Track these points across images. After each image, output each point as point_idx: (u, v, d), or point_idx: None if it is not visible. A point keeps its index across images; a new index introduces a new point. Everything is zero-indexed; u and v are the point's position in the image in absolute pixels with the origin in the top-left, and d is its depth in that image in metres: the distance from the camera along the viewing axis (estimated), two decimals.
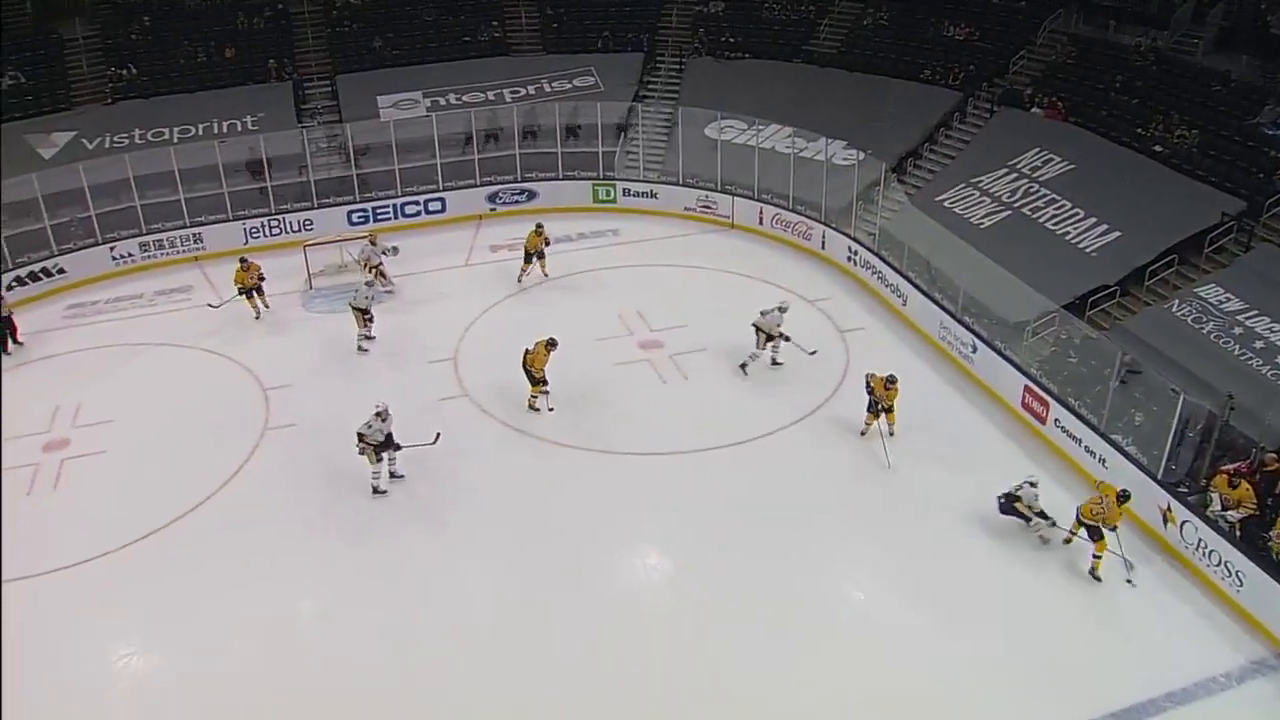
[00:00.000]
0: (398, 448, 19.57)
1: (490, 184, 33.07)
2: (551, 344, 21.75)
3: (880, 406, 20.27)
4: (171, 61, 36.44)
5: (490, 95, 35.41)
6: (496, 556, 18.21)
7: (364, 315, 25.02)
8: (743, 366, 23.13)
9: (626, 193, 32.77)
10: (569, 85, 35.82)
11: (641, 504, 19.34)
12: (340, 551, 18.52)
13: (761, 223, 30.49)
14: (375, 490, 19.63)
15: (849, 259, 27.74)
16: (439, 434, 19.78)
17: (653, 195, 32.46)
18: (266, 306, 26.99)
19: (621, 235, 31.06)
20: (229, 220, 31.59)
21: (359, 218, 32.13)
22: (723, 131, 32.00)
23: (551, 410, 21.97)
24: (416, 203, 32.73)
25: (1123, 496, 17.22)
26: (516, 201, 32.81)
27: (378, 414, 19.37)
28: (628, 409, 22.15)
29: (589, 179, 33.12)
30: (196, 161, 31.58)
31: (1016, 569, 17.59)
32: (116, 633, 17.16)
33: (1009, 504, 18.06)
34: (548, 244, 27.99)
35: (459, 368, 23.98)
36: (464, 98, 35.34)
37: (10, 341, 26.37)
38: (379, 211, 32.42)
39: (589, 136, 32.97)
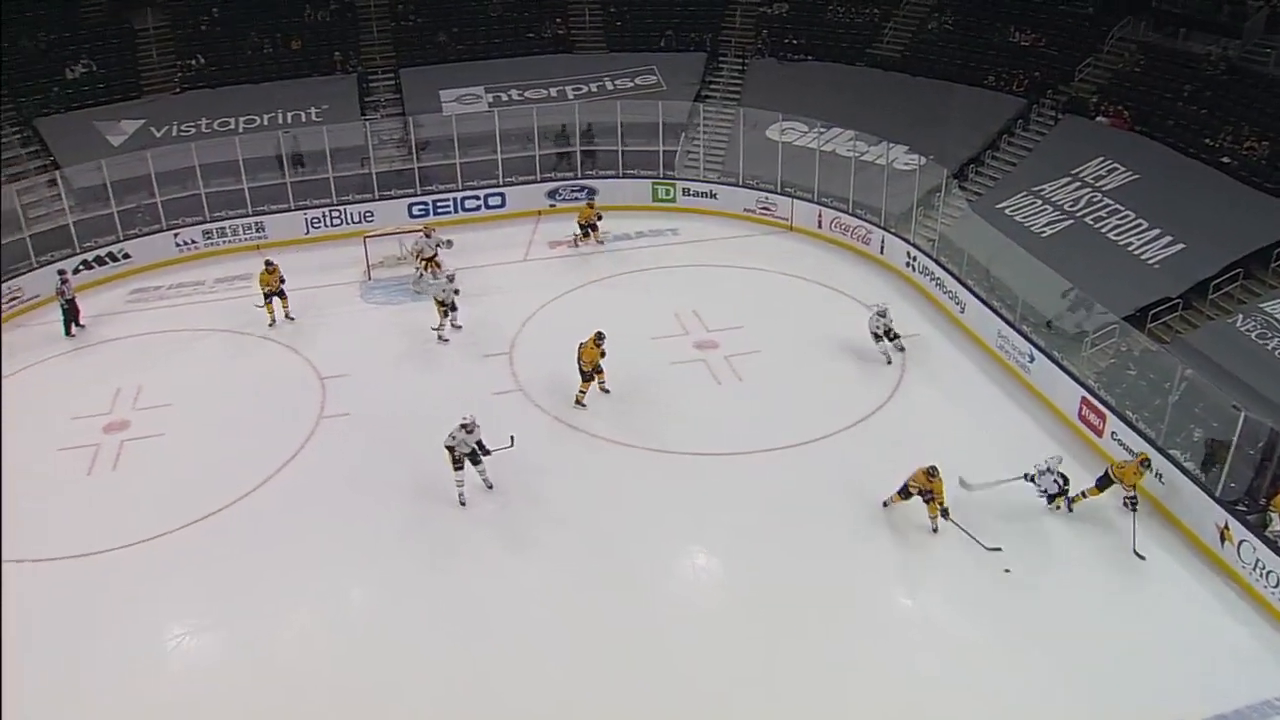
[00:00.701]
0: (486, 453, 19.33)
1: (550, 180, 33.27)
2: (599, 338, 21.97)
3: (925, 497, 18.43)
4: (239, 52, 37.11)
5: (552, 92, 35.63)
6: (544, 550, 18.40)
7: (446, 308, 25.17)
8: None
9: (686, 192, 32.80)
10: (631, 83, 35.95)
11: (691, 503, 19.38)
12: (389, 541, 18.77)
13: (820, 226, 30.42)
14: (461, 502, 19.37)
15: (908, 264, 27.63)
16: (513, 437, 19.61)
17: (712, 196, 32.48)
18: (289, 317, 26.57)
19: (680, 235, 31.13)
20: (291, 210, 32.09)
21: (419, 210, 32.44)
22: (784, 133, 31.89)
23: (608, 391, 22.39)
24: (476, 197, 33.01)
25: (1145, 463, 18.02)
26: (576, 198, 32.90)
27: (463, 426, 19.04)
28: (681, 408, 22.25)
29: (649, 178, 33.19)
30: (260, 151, 32.18)
31: (1068, 583, 17.44)
32: (170, 613, 17.54)
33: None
34: (599, 218, 29.68)
35: (514, 362, 24.17)
36: (526, 94, 35.57)
37: (74, 324, 26.99)
38: (439, 205, 32.72)
39: (650, 135, 33.01)
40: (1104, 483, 18.53)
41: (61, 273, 27.55)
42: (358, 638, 16.78)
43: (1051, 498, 18.80)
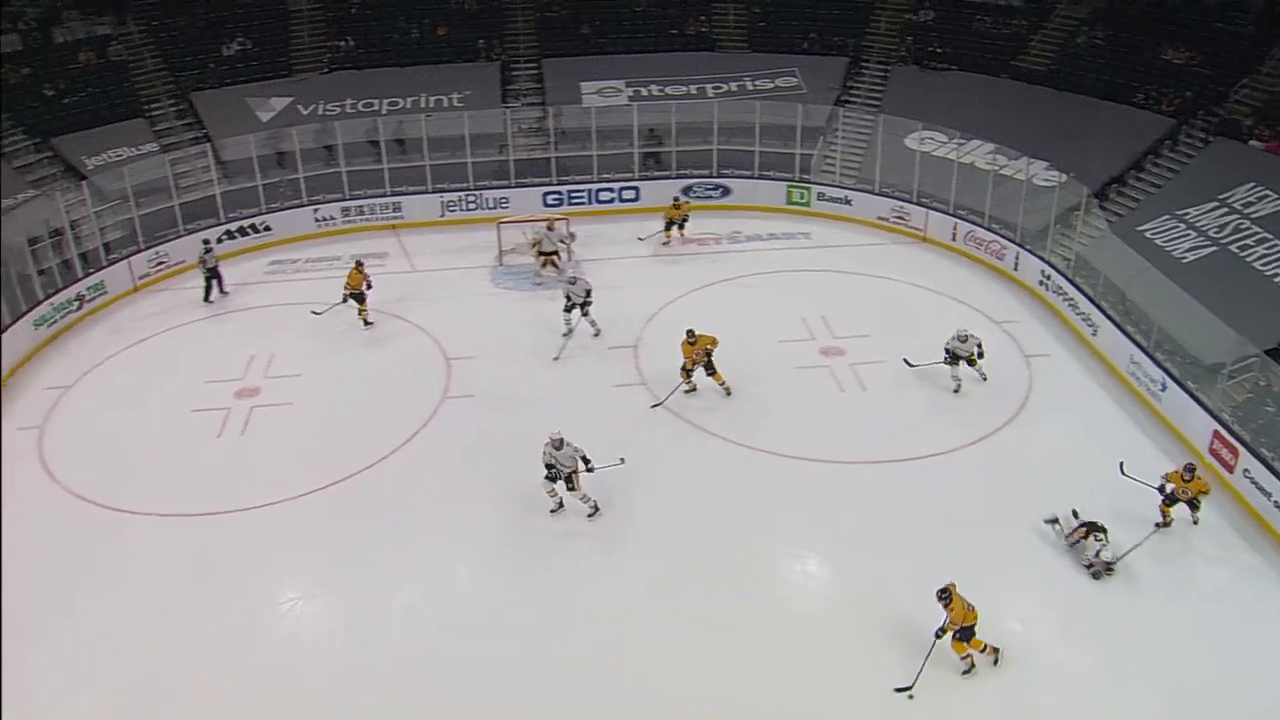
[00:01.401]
0: (590, 468, 18.92)
1: (685, 177, 33.41)
2: (688, 335, 22.24)
3: (1184, 498, 18.38)
4: (386, 36, 38.07)
5: (692, 89, 35.82)
6: (650, 540, 18.57)
7: (575, 306, 25.06)
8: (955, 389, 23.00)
9: (821, 197, 32.69)
10: (771, 85, 35.92)
11: (804, 508, 19.36)
12: (500, 522, 19.12)
13: (954, 238, 30.13)
14: (552, 509, 19.20)
15: (1041, 283, 27.16)
16: (623, 459, 19.39)
17: (847, 201, 32.34)
18: (367, 322, 26.17)
19: (812, 239, 31.06)
20: (428, 192, 32.78)
21: (554, 200, 32.94)
22: (923, 143, 31.65)
23: (728, 394, 22.60)
24: (611, 190, 33.38)
25: (1191, 468, 18.22)
26: (710, 196, 33.13)
27: (551, 441, 18.66)
28: (802, 413, 22.25)
29: (784, 180, 33.14)
30: (401, 133, 33.01)
31: (1187, 619, 16.93)
32: (285, 577, 18.16)
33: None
34: (685, 219, 29.83)
35: (638, 356, 24.41)
36: (666, 89, 35.85)
37: (218, 290, 28.10)
38: (574, 195, 33.19)
39: (787, 137, 32.94)
40: (1171, 499, 18.31)
41: (206, 242, 28.70)
42: (463, 616, 17.09)
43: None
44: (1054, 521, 18.30)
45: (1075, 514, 18.13)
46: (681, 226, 30.39)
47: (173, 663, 16.24)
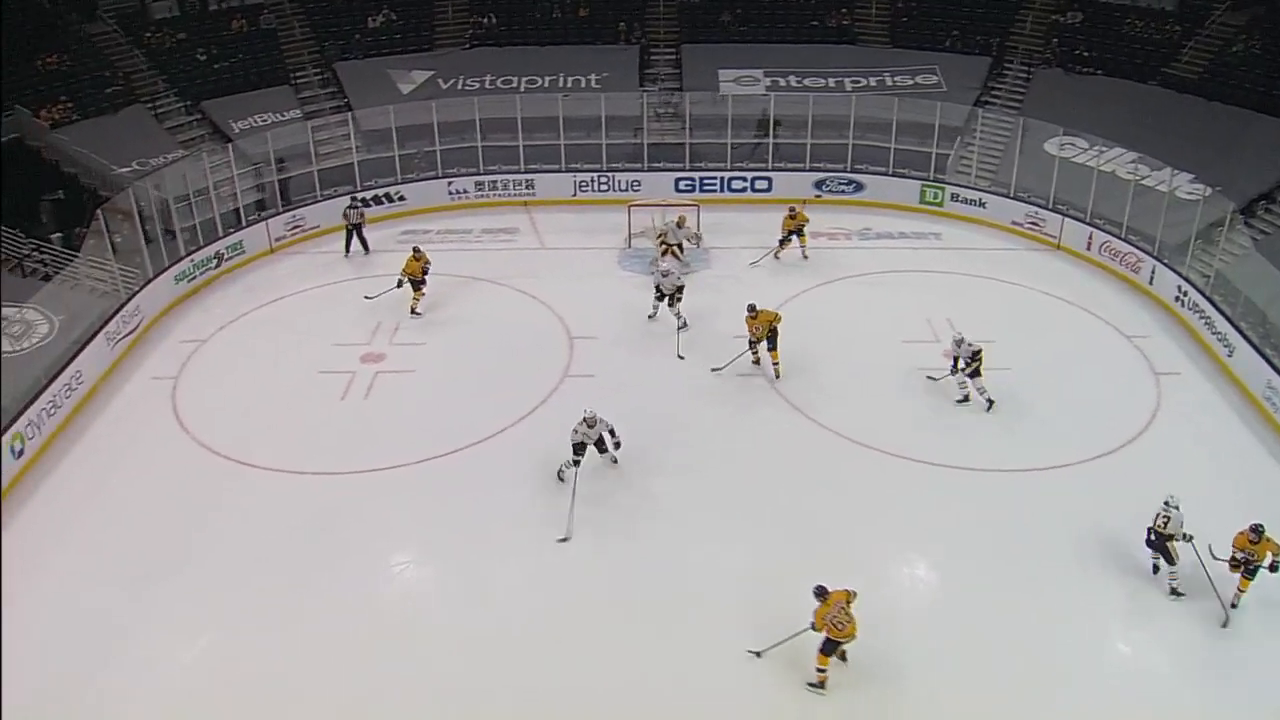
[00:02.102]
0: (617, 443, 19.54)
1: (819, 170, 33.28)
2: (750, 310, 22.83)
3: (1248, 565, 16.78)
4: (528, 14, 38.67)
5: (830, 82, 35.63)
6: (749, 534, 18.48)
7: (666, 297, 25.22)
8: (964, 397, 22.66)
9: (955, 198, 32.32)
10: (911, 82, 35.59)
11: (912, 511, 19.21)
12: (607, 502, 19.24)
13: (1089, 248, 29.47)
14: (560, 478, 19.52)
15: (1177, 299, 26.40)
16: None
17: (981, 204, 31.90)
18: (415, 312, 26.03)
19: (943, 240, 30.78)
20: (561, 171, 33.18)
21: (686, 186, 33.08)
22: (1063, 148, 31.07)
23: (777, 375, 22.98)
24: (743, 179, 33.40)
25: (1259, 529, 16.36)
26: (842, 191, 33.00)
27: (585, 421, 19.07)
28: (920, 414, 22.16)
29: (919, 179, 32.82)
30: (538, 111, 33.25)
31: None
32: (399, 541, 18.62)
33: (1160, 541, 17.07)
34: (800, 231, 28.73)
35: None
36: (804, 81, 35.68)
37: (361, 248, 29.35)
38: (706, 182, 33.29)
39: (924, 136, 32.60)
40: (1250, 568, 16.64)
41: (354, 198, 29.78)
42: (564, 598, 17.18)
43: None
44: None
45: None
46: (801, 236, 28.94)
47: (282, 617, 16.74)
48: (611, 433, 19.44)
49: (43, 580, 17.53)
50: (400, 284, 26.00)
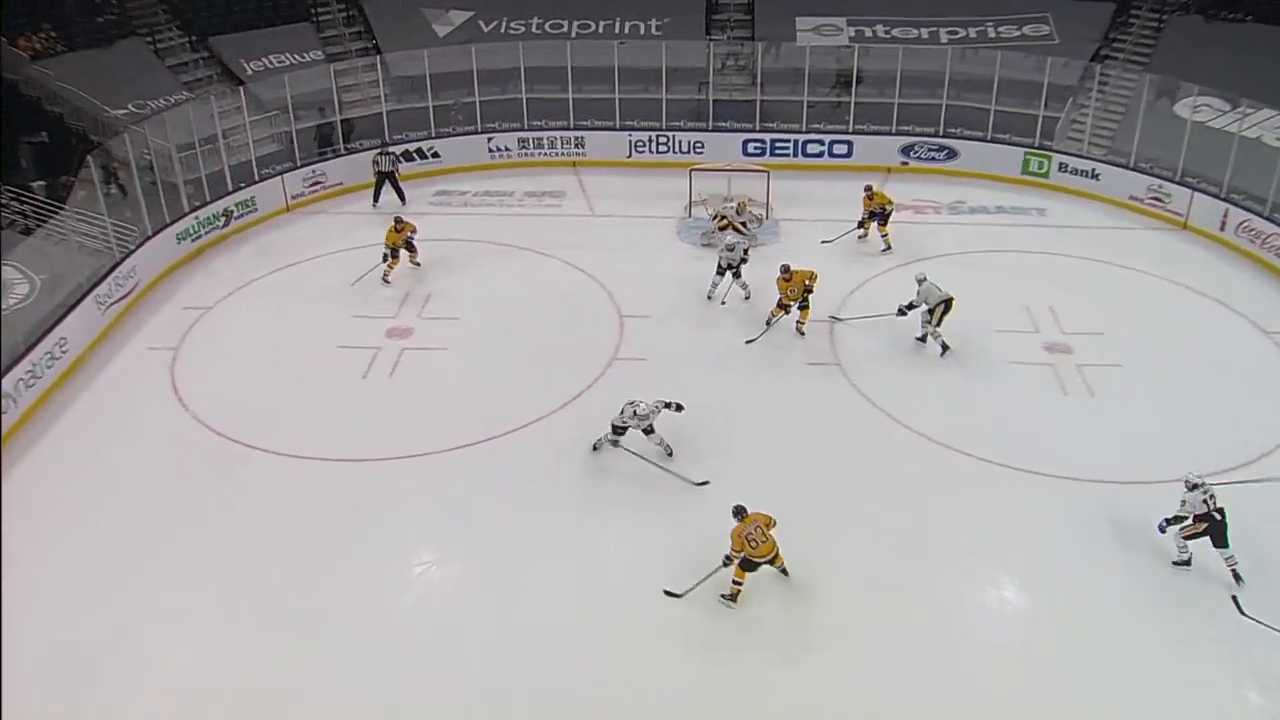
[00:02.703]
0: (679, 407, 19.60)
1: (907, 134, 32.66)
2: (784, 272, 23.30)
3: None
4: None
5: (923, 33, 34.81)
6: (828, 539, 17.94)
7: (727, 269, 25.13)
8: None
9: (1063, 168, 31.45)
10: (1018, 32, 34.54)
11: (1003, 524, 18.48)
12: (655, 504, 18.87)
13: (1224, 228, 28.42)
14: (595, 447, 19.93)
15: None
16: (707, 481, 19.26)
17: (1094, 175, 30.99)
18: (415, 263, 26.37)
19: (1048, 216, 30.04)
20: (615, 130, 32.85)
21: (755, 149, 32.63)
22: (1196, 110, 29.88)
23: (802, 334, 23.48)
24: (820, 142, 32.84)
25: None
26: (933, 159, 32.36)
27: (637, 415, 19.29)
28: (1015, 415, 21.32)
29: (1022, 145, 31.95)
30: (590, 61, 32.91)
31: None
32: (421, 537, 18.38)
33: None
34: (886, 213, 27.64)
35: (834, 332, 23.94)
36: (893, 31, 34.90)
37: (398, 197, 29.72)
38: (778, 145, 32.82)
39: (1030, 96, 31.72)
40: None
41: (385, 144, 29.92)
42: (603, 600, 16.98)
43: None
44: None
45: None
46: (883, 223, 27.79)
47: (287, 620, 16.43)
48: (666, 404, 19.48)
49: (17, 575, 17.05)
50: (385, 257, 25.82)
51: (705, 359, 23.00)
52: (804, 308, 23.46)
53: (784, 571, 16.81)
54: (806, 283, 23.16)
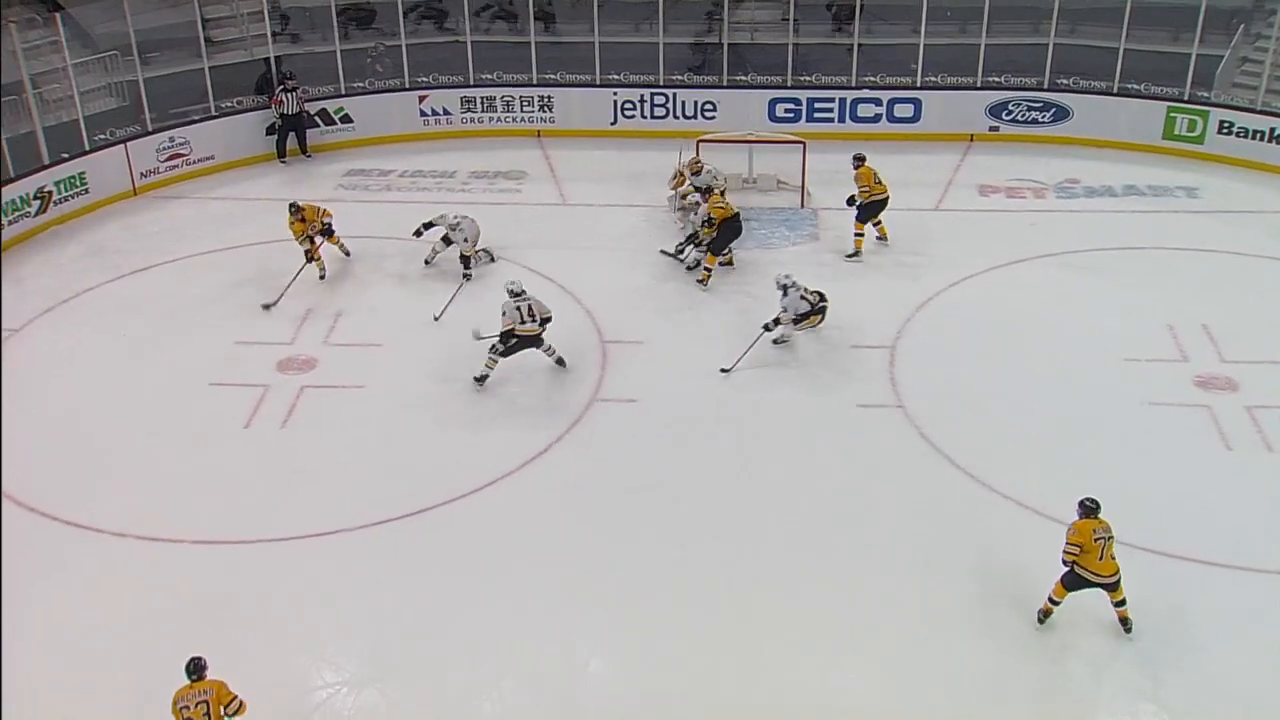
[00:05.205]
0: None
1: (997, 87, 32.84)
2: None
3: None
4: None
5: None
6: (870, 607, 18.15)
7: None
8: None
9: (1226, 128, 31.58)
10: None
11: (1160, 641, 17.81)
12: (647, 592, 18.71)
13: None
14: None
15: None
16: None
17: (1274, 138, 31.06)
18: (345, 253, 27.19)
19: (1202, 198, 30.20)
20: (595, 86, 33.17)
21: (787, 112, 33.07)
22: None
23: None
24: (876, 101, 33.10)
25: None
26: (1034, 121, 32.67)
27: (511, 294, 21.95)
28: (1163, 477, 20.97)
29: (1165, 100, 32.08)
30: None
31: None
32: (325, 648, 17.90)
33: None
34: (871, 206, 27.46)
35: (895, 363, 23.93)
36: None
37: (301, 148, 30.92)
38: (817, 106, 33.13)
39: (1180, 26, 31.88)
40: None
41: (287, 74, 30.56)
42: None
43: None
44: None
45: None
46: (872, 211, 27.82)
47: None
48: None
49: None
50: (310, 259, 25.95)
51: (717, 400, 23.05)
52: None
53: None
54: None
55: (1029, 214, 29.54)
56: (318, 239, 26.18)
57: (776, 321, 23.46)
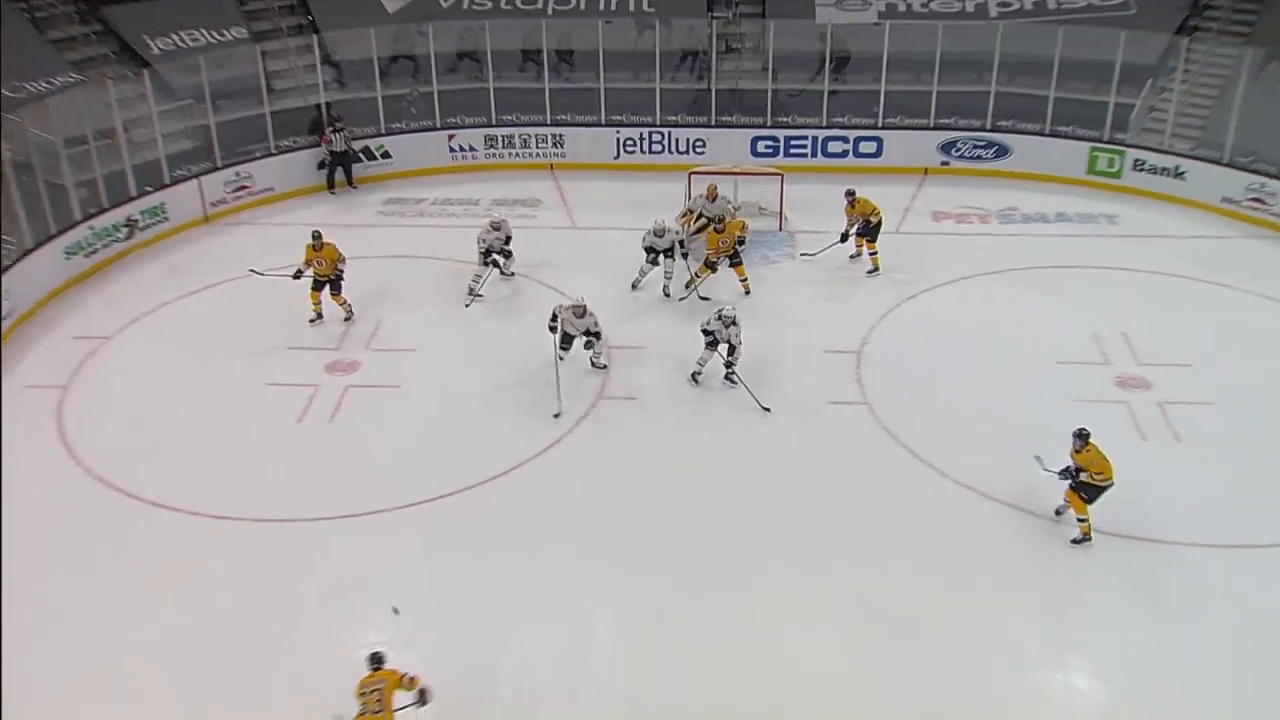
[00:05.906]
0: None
1: (947, 128, 32.91)
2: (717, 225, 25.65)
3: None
4: None
5: (969, 7, 34.92)
6: (848, 604, 18.01)
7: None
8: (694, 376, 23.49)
9: (1139, 165, 31.67)
10: (1084, 2, 34.59)
11: (1075, 599, 18.50)
12: (653, 568, 18.68)
13: None
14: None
15: None
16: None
17: (1177, 174, 31.15)
18: (348, 317, 25.70)
19: (1121, 225, 30.28)
20: (600, 125, 33.12)
21: (767, 147, 33.02)
22: None
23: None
24: (844, 139, 33.09)
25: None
26: (979, 157, 32.65)
27: (574, 310, 21.88)
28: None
29: (1088, 140, 32.24)
30: (571, 43, 33.41)
31: None
32: (367, 616, 17.72)
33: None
34: (869, 224, 27.52)
35: (861, 365, 23.98)
36: (930, 5, 35.09)
37: (348, 179, 30.99)
38: (792, 143, 33.17)
39: (1100, 79, 31.93)
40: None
41: (336, 118, 30.32)
42: (599, 689, 16.78)
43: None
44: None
45: None
46: (871, 238, 27.63)
47: (197, 710, 16.20)
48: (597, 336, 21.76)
49: None
50: (298, 275, 25.33)
51: (707, 396, 23.09)
52: (737, 263, 25.95)
53: None
54: (739, 233, 25.23)
55: (976, 237, 29.65)
56: (319, 281, 25.33)
57: (714, 342, 23.04)
